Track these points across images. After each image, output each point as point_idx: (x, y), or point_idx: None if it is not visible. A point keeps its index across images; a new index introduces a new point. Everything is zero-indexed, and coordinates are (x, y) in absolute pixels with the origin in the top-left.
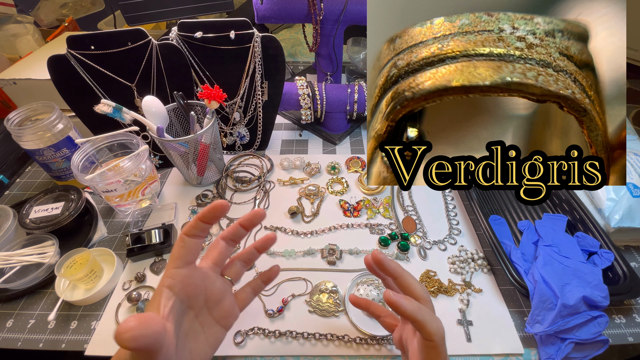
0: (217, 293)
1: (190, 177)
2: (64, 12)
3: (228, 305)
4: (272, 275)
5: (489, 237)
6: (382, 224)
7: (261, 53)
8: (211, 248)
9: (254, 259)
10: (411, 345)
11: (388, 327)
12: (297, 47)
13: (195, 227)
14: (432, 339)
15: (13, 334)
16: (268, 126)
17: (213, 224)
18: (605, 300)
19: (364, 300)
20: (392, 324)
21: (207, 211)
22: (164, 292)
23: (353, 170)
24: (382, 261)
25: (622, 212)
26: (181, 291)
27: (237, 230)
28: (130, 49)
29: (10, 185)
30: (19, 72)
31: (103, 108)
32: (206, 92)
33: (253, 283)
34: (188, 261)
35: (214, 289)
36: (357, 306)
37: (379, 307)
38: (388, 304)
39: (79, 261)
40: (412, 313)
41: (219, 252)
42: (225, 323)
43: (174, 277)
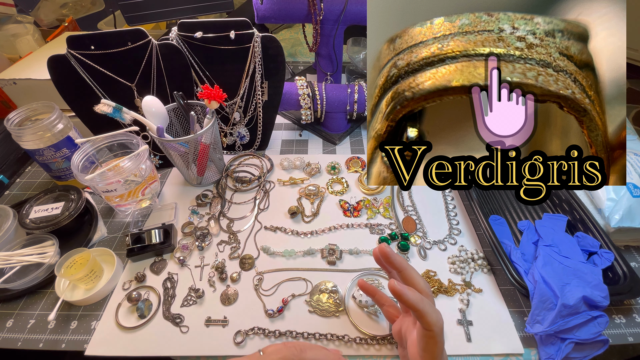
0: None
1: (190, 177)
2: (64, 12)
3: None
4: None
5: (489, 237)
6: (382, 224)
7: (261, 53)
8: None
9: None
10: (410, 336)
11: (389, 317)
12: (297, 47)
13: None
14: (431, 329)
15: (13, 334)
16: (268, 126)
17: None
18: (605, 300)
19: (371, 287)
20: (394, 315)
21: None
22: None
23: (353, 170)
24: (388, 254)
25: (622, 212)
26: None
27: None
28: (130, 49)
29: (10, 185)
30: (19, 72)
31: (103, 108)
32: (206, 92)
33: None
34: None
35: None
36: (365, 291)
37: (384, 295)
38: (392, 292)
39: (79, 261)
40: (414, 302)
41: None
42: None
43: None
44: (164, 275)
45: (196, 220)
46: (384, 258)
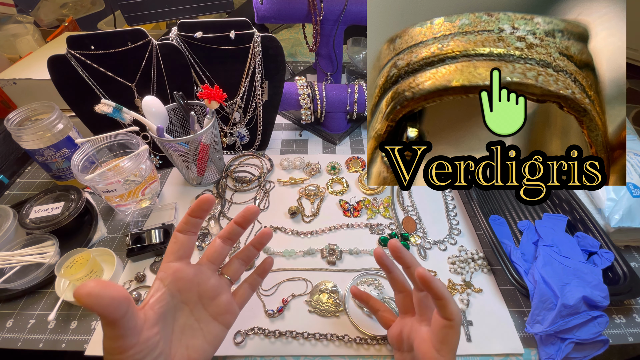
0: (211, 289)
1: (190, 177)
2: (64, 12)
3: (225, 301)
4: (266, 267)
5: (489, 237)
6: (382, 224)
7: (261, 53)
8: (208, 247)
9: (252, 256)
10: (418, 335)
11: (384, 322)
12: (297, 47)
13: (186, 222)
14: (452, 318)
15: (13, 334)
16: (268, 126)
17: (203, 218)
18: (605, 300)
19: (365, 293)
20: (389, 320)
21: (195, 206)
22: (154, 283)
23: (353, 170)
24: (399, 250)
25: (622, 212)
26: (172, 284)
27: (233, 229)
28: (130, 49)
29: (10, 185)
30: (19, 72)
31: (103, 108)
32: (206, 92)
33: (249, 278)
34: (180, 256)
35: (208, 285)
36: (358, 298)
37: (378, 301)
38: (421, 278)
39: (79, 261)
40: (442, 291)
41: (214, 250)
42: (223, 320)
43: (165, 271)
44: None
45: None
46: (394, 253)
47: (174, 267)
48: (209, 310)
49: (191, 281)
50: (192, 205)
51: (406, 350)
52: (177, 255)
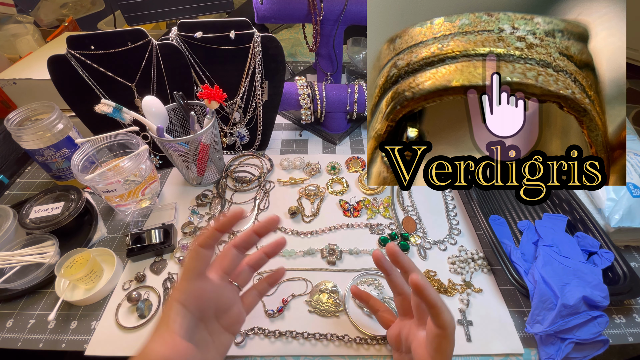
0: (226, 302)
1: (190, 177)
2: (64, 12)
3: (236, 312)
4: (278, 277)
5: (489, 237)
6: (382, 224)
7: (261, 53)
8: (222, 256)
9: (263, 263)
10: (415, 339)
11: (384, 322)
12: (297, 47)
13: (211, 237)
14: (445, 327)
15: (13, 334)
16: (268, 126)
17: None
18: (605, 300)
19: (365, 293)
20: (389, 320)
21: (226, 221)
22: (174, 307)
23: (353, 170)
24: (397, 253)
25: (622, 212)
26: (194, 306)
27: (251, 238)
28: (130, 49)
29: (10, 185)
30: (19, 72)
31: (103, 108)
32: (206, 92)
33: (259, 286)
34: (200, 272)
35: (224, 299)
36: (358, 298)
37: (378, 301)
38: (414, 285)
39: (79, 261)
40: (434, 299)
41: (230, 261)
42: (233, 330)
43: (186, 293)
44: (164, 275)
45: (196, 220)
46: (392, 257)
47: (196, 287)
48: (221, 322)
49: (211, 299)
50: (223, 220)
51: (404, 351)
52: (197, 271)
